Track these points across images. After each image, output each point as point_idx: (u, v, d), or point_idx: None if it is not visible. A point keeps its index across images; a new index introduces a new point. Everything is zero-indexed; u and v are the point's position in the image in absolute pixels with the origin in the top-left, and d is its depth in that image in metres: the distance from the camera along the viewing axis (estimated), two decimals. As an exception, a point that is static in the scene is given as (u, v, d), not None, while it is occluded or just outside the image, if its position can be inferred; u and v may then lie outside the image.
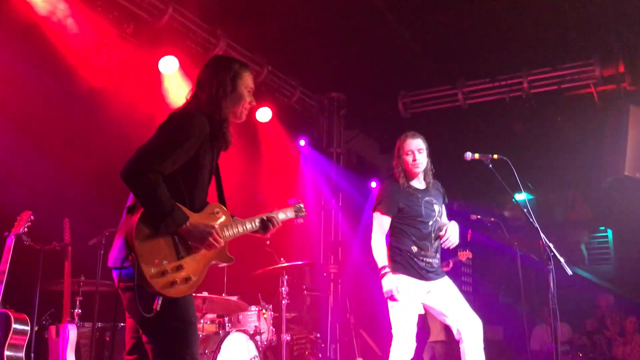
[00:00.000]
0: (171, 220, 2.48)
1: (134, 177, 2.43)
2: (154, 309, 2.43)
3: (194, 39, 6.45)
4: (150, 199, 2.45)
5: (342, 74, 8.30)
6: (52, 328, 4.77)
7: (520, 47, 7.36)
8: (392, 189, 4.33)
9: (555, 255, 3.76)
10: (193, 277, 2.57)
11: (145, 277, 2.41)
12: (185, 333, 2.51)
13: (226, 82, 2.75)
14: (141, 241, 2.44)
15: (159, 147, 2.53)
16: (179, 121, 2.63)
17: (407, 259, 4.14)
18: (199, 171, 2.66)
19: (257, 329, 5.52)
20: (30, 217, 4.54)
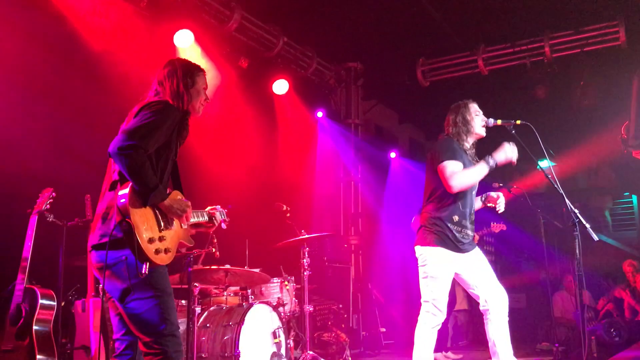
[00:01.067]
0: (158, 193, 2.74)
1: (125, 153, 2.64)
2: (144, 273, 2.64)
3: (209, 12, 6.38)
4: (141, 174, 2.67)
5: (359, 43, 8.18)
6: (78, 303, 4.84)
7: (541, 10, 7.17)
8: (454, 144, 4.11)
9: (580, 221, 3.69)
10: (171, 249, 2.82)
11: (140, 242, 2.63)
12: (165, 301, 2.73)
13: (185, 79, 3.03)
14: (135, 210, 2.68)
15: (143, 127, 2.73)
16: (158, 106, 2.86)
17: (447, 230, 4.01)
18: (168, 155, 2.91)
19: (280, 300, 5.55)
20: (52, 194, 4.57)
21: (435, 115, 5.38)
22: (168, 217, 2.85)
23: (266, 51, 7.29)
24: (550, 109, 8.54)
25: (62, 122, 5.28)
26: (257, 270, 5.30)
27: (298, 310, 5.69)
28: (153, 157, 2.81)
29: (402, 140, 10.95)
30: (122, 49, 5.63)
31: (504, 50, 7.79)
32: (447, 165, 3.98)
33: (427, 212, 4.12)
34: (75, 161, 5.30)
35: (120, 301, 2.74)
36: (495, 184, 5.65)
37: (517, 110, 7.74)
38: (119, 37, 5.64)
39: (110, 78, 5.50)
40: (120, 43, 5.63)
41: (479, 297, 4.12)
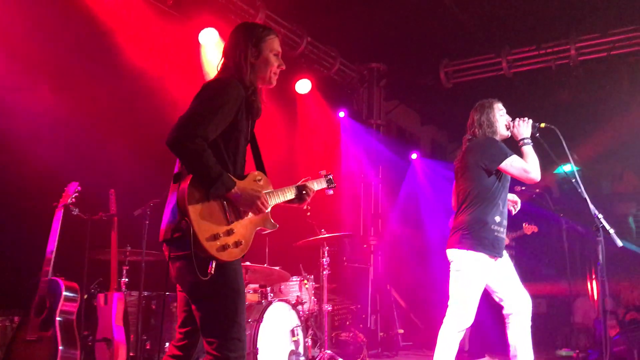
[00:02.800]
0: (220, 184, 2.49)
1: (180, 143, 2.44)
2: (209, 273, 2.46)
3: (234, 10, 6.43)
4: (199, 164, 2.45)
5: (383, 43, 8.17)
6: (100, 296, 4.92)
7: (567, 13, 7.08)
8: (499, 142, 4.10)
9: (604, 226, 3.65)
10: (243, 241, 2.59)
11: (199, 240, 2.42)
12: (234, 301, 2.53)
13: (250, 48, 2.73)
14: (194, 205, 2.45)
15: (200, 113, 2.52)
16: (215, 88, 2.63)
17: (489, 233, 3.96)
18: (238, 137, 2.66)
19: (299, 298, 5.58)
20: (77, 188, 4.64)
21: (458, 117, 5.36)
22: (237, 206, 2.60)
23: (290, 50, 7.32)
24: (575, 113, 8.44)
25: (88, 117, 5.36)
26: (276, 268, 5.33)
27: (317, 309, 5.71)
28: (220, 142, 2.58)
29: (424, 142, 10.91)
30: (147, 47, 5.71)
31: (529, 53, 7.72)
32: (514, 160, 3.98)
33: (467, 214, 4.03)
34: (101, 156, 5.38)
35: (190, 296, 2.59)
36: (517, 187, 5.60)
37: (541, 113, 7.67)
38: (145, 35, 5.71)
39: (135, 75, 5.58)
40: (145, 41, 5.71)
41: (502, 301, 4.09)
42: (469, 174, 4.11)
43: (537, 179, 4.00)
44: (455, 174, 4.28)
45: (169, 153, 2.55)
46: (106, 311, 4.83)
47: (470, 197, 4.07)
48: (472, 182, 4.08)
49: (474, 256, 3.95)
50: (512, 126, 4.12)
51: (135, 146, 5.48)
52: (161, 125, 5.69)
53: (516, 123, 4.10)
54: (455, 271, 4.02)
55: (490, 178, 4.04)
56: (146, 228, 5.00)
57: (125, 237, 5.09)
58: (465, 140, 4.31)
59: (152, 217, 4.95)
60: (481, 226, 3.97)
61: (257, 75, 2.76)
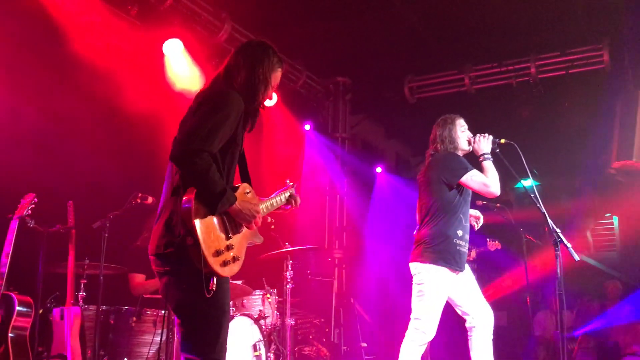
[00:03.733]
0: (225, 199, 2.51)
1: (188, 158, 2.44)
2: (211, 290, 2.45)
3: (199, 22, 6.39)
4: (206, 179, 2.45)
5: (348, 58, 8.23)
6: (56, 311, 4.78)
7: (528, 32, 7.27)
8: (460, 157, 4.20)
9: (562, 240, 3.72)
10: (240, 257, 2.62)
11: (206, 256, 2.41)
12: (220, 321, 2.55)
13: (265, 68, 2.78)
14: (200, 220, 2.44)
15: (206, 127, 2.50)
16: (220, 101, 2.63)
17: (452, 246, 4.01)
18: (235, 150, 2.69)
19: (262, 313, 5.52)
20: (34, 200, 4.52)
21: (422, 131, 5.42)
22: (236, 221, 2.62)
23: (255, 63, 7.29)
24: (535, 129, 8.63)
25: (46, 128, 5.24)
26: (239, 282, 5.27)
27: (279, 324, 5.66)
28: (218, 155, 2.59)
29: (388, 156, 11.00)
30: (109, 56, 5.62)
31: (490, 70, 7.87)
32: (474, 174, 4.07)
33: (429, 227, 4.08)
34: (59, 167, 5.26)
35: (176, 312, 2.58)
36: (479, 201, 5.68)
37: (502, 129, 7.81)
38: (107, 44, 5.63)
39: (97, 85, 5.48)
40: (108, 50, 5.62)
41: (465, 314, 4.13)
42: (431, 188, 4.17)
43: (497, 193, 4.08)
44: (419, 188, 4.33)
45: (130, 165, 2.52)
46: (62, 326, 4.69)
47: (432, 211, 4.12)
48: (433, 196, 4.14)
49: (435, 270, 3.98)
50: (473, 142, 4.20)
51: (95, 157, 5.37)
52: (122, 137, 5.64)
53: (477, 139, 4.19)
54: (417, 285, 4.05)
55: (451, 192, 4.10)
56: (105, 241, 4.88)
57: (83, 250, 4.97)
58: (428, 155, 4.37)
59: (112, 229, 4.84)
60: (443, 240, 4.02)
61: (259, 95, 2.79)
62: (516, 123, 8.02)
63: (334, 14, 7.07)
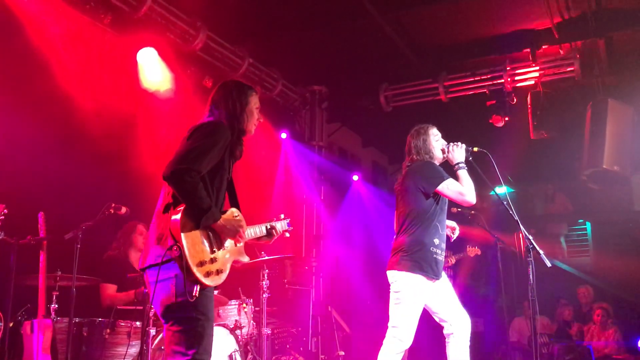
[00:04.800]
0: (210, 215, 2.80)
1: (179, 176, 2.74)
2: (194, 295, 2.71)
3: (174, 31, 6.36)
4: (193, 196, 2.75)
5: (324, 67, 8.27)
6: (27, 324, 4.67)
7: (500, 41, 7.39)
8: (437, 165, 4.24)
9: (534, 247, 3.77)
10: (223, 270, 2.91)
11: (190, 265, 2.70)
12: (203, 326, 2.78)
13: (240, 99, 3.14)
14: (186, 233, 2.74)
15: (195, 149, 2.83)
16: (209, 129, 2.96)
17: (428, 254, 4.03)
18: (223, 174, 2.99)
19: (238, 323, 5.48)
20: (4, 211, 4.43)
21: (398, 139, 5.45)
22: (221, 237, 2.93)
23: (231, 71, 7.29)
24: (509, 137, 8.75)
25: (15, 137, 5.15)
26: (215, 293, 5.22)
27: (256, 333, 5.62)
28: (207, 178, 2.88)
29: (365, 164, 11.05)
30: (82, 64, 5.56)
31: (464, 79, 7.97)
32: (450, 183, 4.11)
33: (406, 236, 4.11)
34: (29, 177, 5.16)
35: (162, 317, 2.83)
36: (454, 209, 5.73)
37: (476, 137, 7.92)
38: (80, 53, 5.56)
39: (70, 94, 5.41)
40: (81, 58, 5.56)
41: (443, 321, 4.15)
42: (408, 197, 4.20)
43: (473, 201, 4.13)
44: (396, 197, 4.37)
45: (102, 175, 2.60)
46: (32, 339, 4.59)
47: (408, 219, 4.15)
48: (410, 205, 4.17)
49: (412, 278, 4.00)
50: (447, 151, 4.25)
51: (67, 168, 5.29)
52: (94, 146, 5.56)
53: (450, 148, 4.23)
54: (394, 293, 4.07)
55: (428, 201, 4.14)
56: (77, 252, 4.80)
57: (55, 261, 4.87)
58: (404, 166, 4.41)
59: (84, 240, 4.76)
60: (419, 248, 4.05)
61: (243, 123, 3.13)
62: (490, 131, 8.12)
63: (310, 23, 7.11)
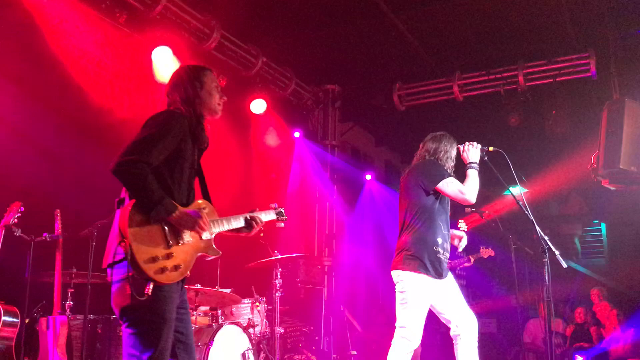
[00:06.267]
0: (162, 207, 2.60)
1: (124, 167, 2.55)
2: (146, 294, 2.52)
3: (188, 29, 6.38)
4: (141, 188, 2.57)
5: (338, 66, 8.26)
6: (42, 320, 4.72)
7: (515, 40, 7.34)
8: (441, 165, 4.21)
9: (550, 248, 3.74)
10: (182, 265, 2.67)
11: (138, 262, 2.51)
12: (159, 328, 2.59)
13: (192, 83, 2.93)
14: (134, 228, 2.54)
15: (144, 140, 2.65)
16: (159, 118, 2.77)
17: (433, 254, 4.01)
18: (183, 164, 2.79)
19: (251, 321, 5.49)
20: (21, 208, 4.49)
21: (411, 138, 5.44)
22: (180, 231, 2.71)
23: (245, 70, 7.31)
24: (523, 137, 8.69)
25: (33, 136, 5.20)
26: (228, 291, 5.25)
27: (269, 332, 5.64)
28: (164, 169, 2.71)
29: (378, 163, 11.02)
30: (99, 62, 5.60)
31: (479, 78, 7.92)
32: (450, 181, 4.09)
33: (410, 234, 4.09)
34: (46, 176, 5.22)
35: (119, 318, 2.68)
36: (467, 209, 5.69)
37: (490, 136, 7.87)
38: (96, 51, 5.61)
39: (87, 92, 5.45)
40: (97, 57, 5.60)
41: (449, 322, 4.13)
42: (409, 193, 4.20)
43: (472, 201, 4.09)
44: (400, 192, 4.34)
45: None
46: (48, 336, 4.63)
47: (409, 216, 4.15)
48: (411, 202, 4.17)
49: (416, 277, 3.99)
50: (462, 150, 4.22)
51: (82, 166, 5.33)
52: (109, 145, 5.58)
53: (466, 147, 4.21)
54: (399, 292, 4.06)
55: (428, 198, 4.13)
56: (92, 249, 4.85)
57: (70, 258, 4.93)
58: (413, 162, 4.41)
59: (99, 238, 4.81)
60: (422, 247, 4.03)
61: (202, 106, 2.94)
62: (504, 131, 8.07)
63: (323, 22, 7.10)
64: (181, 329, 2.76)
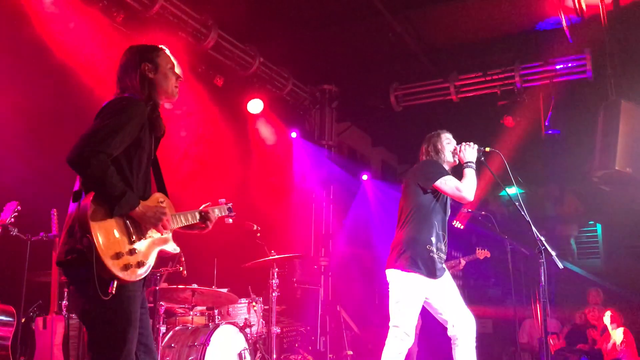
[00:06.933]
0: (124, 202, 2.44)
1: (83, 160, 2.36)
2: (110, 292, 2.36)
3: (185, 29, 6.39)
4: (102, 181, 2.39)
5: (335, 66, 8.28)
6: (39, 320, 4.72)
7: (512, 41, 7.36)
8: (439, 164, 4.23)
9: (546, 248, 3.75)
10: (146, 262, 2.53)
11: (102, 259, 2.34)
12: (125, 330, 2.45)
13: (146, 64, 2.72)
14: (97, 222, 2.38)
15: (103, 129, 2.45)
16: (119, 105, 2.58)
17: (425, 253, 4.01)
18: (142, 154, 2.62)
19: (247, 321, 5.50)
20: (17, 208, 4.48)
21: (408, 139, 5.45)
22: (142, 226, 2.55)
23: (242, 70, 7.31)
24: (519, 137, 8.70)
25: (29, 135, 5.19)
26: (224, 291, 5.25)
27: (265, 332, 5.64)
28: (123, 160, 2.53)
29: (374, 163, 11.03)
30: (95, 62, 5.59)
31: (475, 79, 7.94)
32: (448, 179, 4.09)
33: (404, 233, 4.11)
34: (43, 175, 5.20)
35: (81, 319, 2.52)
36: (464, 209, 5.71)
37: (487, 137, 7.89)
38: (93, 51, 5.60)
39: (82, 91, 5.44)
40: (93, 56, 5.59)
41: (446, 322, 4.13)
42: (407, 193, 4.23)
43: (469, 199, 4.10)
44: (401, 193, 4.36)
45: None
46: (45, 335, 4.63)
47: (404, 215, 4.16)
48: (408, 201, 4.19)
49: (407, 276, 3.99)
50: (459, 150, 4.23)
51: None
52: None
53: (462, 148, 4.22)
54: (391, 291, 4.06)
55: (425, 196, 4.13)
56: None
57: (67, 258, 4.91)
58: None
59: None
60: (415, 245, 4.03)
61: (158, 90, 2.74)
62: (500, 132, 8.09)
63: (320, 23, 7.11)
64: (141, 330, 2.60)
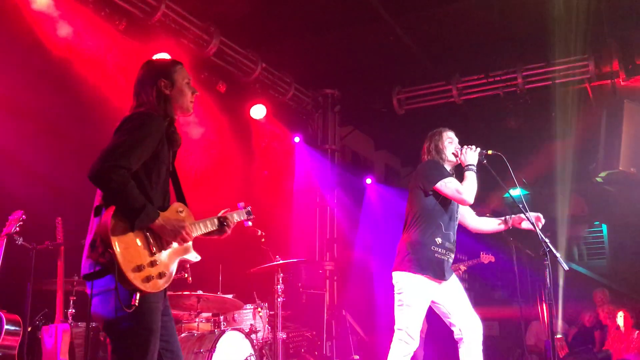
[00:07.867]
0: (145, 215, 2.50)
1: (104, 175, 2.44)
2: (133, 305, 2.43)
3: (187, 36, 6.40)
4: (123, 196, 2.46)
5: (337, 70, 8.28)
6: (45, 328, 4.72)
7: (514, 43, 7.35)
8: (441, 165, 4.21)
9: (551, 250, 3.74)
10: (167, 273, 2.59)
11: (124, 272, 2.40)
12: (147, 341, 2.52)
13: (162, 80, 2.79)
14: (118, 237, 2.44)
15: (122, 144, 2.53)
16: (138, 120, 2.65)
17: (431, 254, 3.99)
18: (160, 167, 2.69)
19: (253, 327, 5.49)
20: (22, 217, 4.49)
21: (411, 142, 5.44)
22: (162, 237, 2.61)
23: (244, 76, 7.33)
24: (523, 139, 8.69)
25: (34, 144, 5.21)
26: (230, 297, 5.24)
27: (271, 337, 5.63)
28: (142, 173, 2.60)
29: (378, 167, 11.03)
30: (99, 70, 5.61)
31: (478, 81, 7.93)
32: (449, 181, 4.07)
33: (408, 236, 4.10)
34: (48, 184, 5.22)
35: (105, 330, 2.60)
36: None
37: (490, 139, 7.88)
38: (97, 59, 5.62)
39: (86, 100, 5.47)
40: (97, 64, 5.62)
41: (453, 325, 4.12)
42: (411, 196, 4.23)
43: (469, 201, 4.09)
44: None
45: None
46: (51, 344, 4.64)
47: (409, 218, 4.17)
48: (412, 203, 4.19)
49: (413, 279, 3.98)
50: (460, 153, 4.22)
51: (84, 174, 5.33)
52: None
53: (464, 151, 4.21)
54: (397, 294, 4.05)
55: (428, 198, 4.13)
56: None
57: (72, 266, 4.92)
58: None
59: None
60: (420, 247, 4.02)
61: (174, 105, 2.81)
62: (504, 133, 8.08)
63: (322, 27, 7.12)
64: (166, 337, 2.69)
